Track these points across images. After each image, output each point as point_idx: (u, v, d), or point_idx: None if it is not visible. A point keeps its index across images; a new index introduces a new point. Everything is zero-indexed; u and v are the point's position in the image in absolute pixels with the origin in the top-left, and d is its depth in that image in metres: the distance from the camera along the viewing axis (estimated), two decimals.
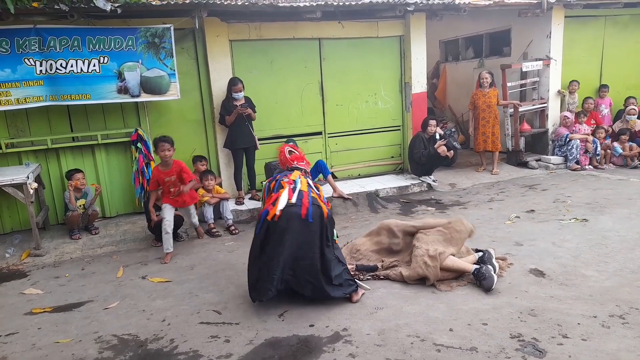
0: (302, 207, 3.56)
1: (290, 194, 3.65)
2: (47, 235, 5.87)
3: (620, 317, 3.22)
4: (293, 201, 3.59)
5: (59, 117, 6.07)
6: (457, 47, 10.79)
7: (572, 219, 5.35)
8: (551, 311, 3.35)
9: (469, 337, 3.08)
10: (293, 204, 3.57)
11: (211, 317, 3.61)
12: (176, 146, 6.62)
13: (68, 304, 4.01)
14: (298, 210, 3.55)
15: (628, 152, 8.07)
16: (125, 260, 5.00)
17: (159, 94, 6.15)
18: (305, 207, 3.55)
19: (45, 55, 5.54)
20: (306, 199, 3.61)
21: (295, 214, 3.53)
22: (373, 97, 7.73)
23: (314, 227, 3.55)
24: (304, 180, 3.84)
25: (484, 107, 7.77)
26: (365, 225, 5.64)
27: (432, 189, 7.23)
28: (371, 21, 7.31)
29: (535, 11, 7.78)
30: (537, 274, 4.00)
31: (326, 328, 3.32)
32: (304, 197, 3.63)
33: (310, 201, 3.61)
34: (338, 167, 7.68)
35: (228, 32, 6.58)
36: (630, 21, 8.92)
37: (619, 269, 3.98)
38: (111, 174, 6.38)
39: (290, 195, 3.63)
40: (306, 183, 3.82)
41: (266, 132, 7.10)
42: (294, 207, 3.56)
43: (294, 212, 3.54)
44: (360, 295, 3.72)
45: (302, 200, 3.61)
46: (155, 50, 5.99)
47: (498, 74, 8.08)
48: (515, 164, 8.29)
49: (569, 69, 8.48)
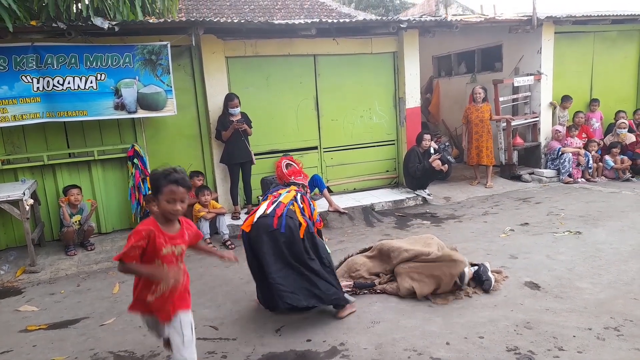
0: (274, 218, 3.53)
1: (269, 206, 3.63)
2: (43, 251, 5.84)
3: (615, 329, 3.24)
4: (267, 212, 3.58)
5: (55, 134, 6.09)
6: (449, 63, 10.96)
7: (566, 232, 5.40)
8: (547, 324, 3.37)
9: (466, 351, 3.10)
10: (266, 215, 3.56)
11: (208, 333, 3.60)
12: (172, 161, 6.69)
13: (64, 321, 3.99)
14: (269, 220, 3.52)
15: (620, 165, 8.18)
16: (121, 277, 4.96)
17: (156, 110, 6.20)
18: (276, 217, 3.52)
19: (42, 73, 5.59)
20: (280, 210, 3.57)
21: (264, 224, 3.51)
22: (368, 112, 7.82)
23: (286, 239, 3.47)
24: (289, 195, 3.79)
25: (477, 122, 7.87)
26: (362, 239, 5.66)
27: (427, 202, 7.28)
28: (365, 38, 7.43)
29: (526, 27, 7.94)
30: (532, 286, 4.03)
31: (323, 343, 3.33)
32: (278, 208, 3.60)
33: (284, 213, 3.55)
34: (334, 181, 7.73)
35: (224, 49, 6.66)
36: (618, 37, 9.11)
37: (612, 281, 4.02)
38: (107, 190, 6.38)
39: (267, 207, 3.62)
40: (291, 197, 3.76)
41: (262, 147, 7.14)
42: (266, 218, 3.55)
43: (264, 223, 3.52)
44: (347, 314, 3.64)
45: (275, 210, 3.58)
46: (152, 67, 6.06)
47: (490, 88, 8.20)
48: (509, 178, 8.37)
49: (560, 83, 8.63)
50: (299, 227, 3.55)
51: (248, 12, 11.92)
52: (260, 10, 12.18)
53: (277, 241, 3.48)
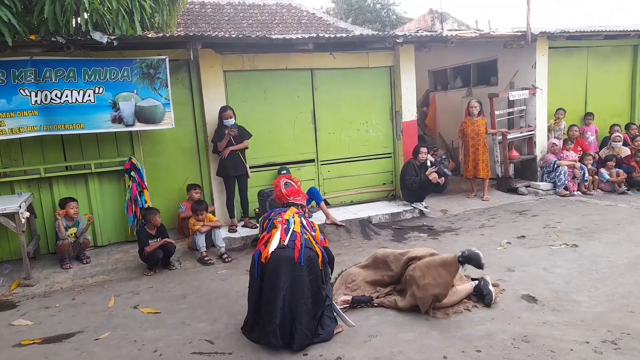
0: (294, 250, 3.48)
1: (283, 235, 3.58)
2: (38, 264, 5.81)
3: (613, 343, 3.24)
4: (285, 243, 3.52)
5: (52, 147, 6.10)
6: (445, 77, 11.06)
7: (563, 245, 5.41)
8: (544, 337, 3.37)
9: None
10: (284, 246, 3.51)
11: (204, 347, 3.58)
12: (170, 174, 6.73)
13: (58, 335, 3.96)
14: (290, 252, 3.47)
15: (615, 178, 8.22)
16: (117, 290, 4.95)
17: (154, 123, 6.22)
18: (297, 250, 3.48)
19: (40, 86, 5.62)
20: (299, 241, 3.53)
21: (286, 257, 3.46)
22: (364, 125, 7.86)
23: (305, 271, 3.46)
24: (297, 219, 3.75)
25: (473, 135, 7.92)
26: (359, 252, 5.65)
27: (424, 215, 7.29)
28: (362, 52, 7.51)
29: (520, 43, 8.04)
30: (529, 299, 4.02)
31: (320, 357, 3.30)
32: (296, 239, 3.55)
33: (303, 244, 3.52)
34: (331, 194, 7.74)
35: (222, 63, 6.72)
36: (611, 52, 9.23)
37: (609, 294, 4.02)
38: (104, 203, 6.37)
39: (282, 237, 3.57)
40: (300, 223, 3.72)
41: (260, 160, 7.16)
42: (285, 250, 3.49)
43: (285, 255, 3.46)
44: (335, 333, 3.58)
45: (294, 242, 3.53)
46: (150, 81, 6.10)
47: (486, 102, 8.27)
48: (505, 190, 8.40)
49: (555, 97, 8.72)
50: (317, 257, 3.56)
51: (246, 26, 12.05)
52: (258, 25, 12.31)
53: (297, 273, 3.44)
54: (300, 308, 3.42)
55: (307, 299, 3.44)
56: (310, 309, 3.45)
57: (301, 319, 3.40)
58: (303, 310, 3.42)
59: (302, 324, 3.40)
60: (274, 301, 3.42)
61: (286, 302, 3.43)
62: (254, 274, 3.56)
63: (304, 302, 3.43)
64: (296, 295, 3.43)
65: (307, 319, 3.43)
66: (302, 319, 3.40)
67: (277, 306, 3.40)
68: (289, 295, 3.43)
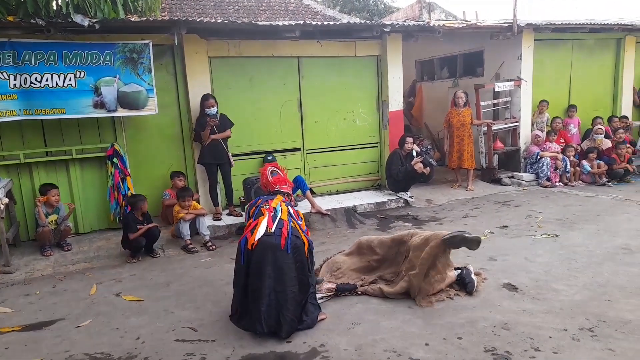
0: (281, 237, 3.48)
1: (270, 222, 3.57)
2: (18, 251, 5.70)
3: (590, 330, 3.31)
4: (272, 230, 3.52)
5: (32, 132, 5.97)
6: (432, 67, 11.08)
7: (544, 235, 5.50)
8: (524, 325, 3.43)
9: (444, 352, 3.12)
10: (271, 234, 3.50)
11: (187, 335, 3.56)
12: (153, 162, 6.64)
13: (38, 323, 3.90)
14: (277, 240, 3.47)
15: (596, 169, 8.36)
16: (99, 277, 4.89)
17: (137, 109, 6.12)
18: (284, 237, 3.48)
19: (19, 69, 5.47)
20: (285, 229, 3.53)
21: (272, 244, 3.46)
22: (351, 114, 7.85)
23: (292, 258, 3.46)
24: (284, 207, 3.75)
25: (459, 126, 7.97)
26: (344, 241, 5.67)
27: (409, 205, 7.33)
28: (349, 41, 7.47)
29: (507, 34, 8.08)
30: (510, 288, 4.09)
31: (303, 344, 3.32)
32: (283, 227, 3.54)
33: (289, 231, 3.53)
34: (316, 183, 7.73)
35: (207, 49, 6.62)
36: (595, 45, 9.33)
37: (588, 283, 4.10)
38: (85, 190, 6.27)
39: (269, 224, 3.56)
40: (287, 211, 3.72)
41: (245, 148, 7.11)
42: (272, 237, 3.49)
43: (272, 243, 3.46)
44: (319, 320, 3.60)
45: (281, 229, 3.53)
46: (133, 66, 5.98)
47: (472, 93, 8.31)
48: (489, 181, 8.49)
49: (539, 89, 8.80)
50: (304, 245, 3.56)
51: (232, 12, 11.87)
52: (245, 11, 12.14)
53: (283, 260, 3.44)
54: (286, 295, 3.42)
55: (294, 286, 3.45)
56: (297, 296, 3.46)
57: (288, 306, 3.41)
58: (289, 297, 3.43)
59: (289, 311, 3.41)
60: (260, 288, 3.42)
61: (272, 289, 3.43)
62: (240, 260, 3.56)
63: (290, 290, 3.44)
64: (282, 283, 3.43)
65: (294, 306, 3.44)
66: (289, 306, 3.41)
67: (263, 293, 3.41)
68: (274, 282, 3.43)
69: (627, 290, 3.93)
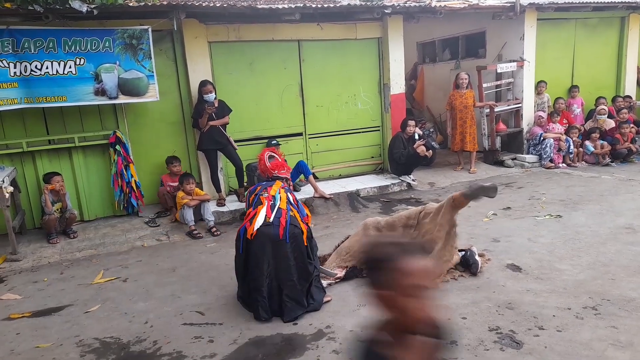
0: (279, 227, 3.48)
1: (269, 212, 3.57)
2: (24, 239, 5.75)
3: (593, 309, 3.34)
4: (270, 220, 3.52)
5: (34, 120, 5.96)
6: (434, 49, 10.96)
7: (547, 216, 5.51)
8: (527, 304, 3.46)
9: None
10: (270, 223, 3.50)
11: (194, 318, 3.61)
12: (155, 148, 6.63)
13: (47, 309, 3.95)
14: (275, 230, 3.47)
15: (599, 150, 8.33)
16: (105, 264, 4.94)
17: (137, 96, 6.09)
18: (282, 227, 3.48)
19: (19, 57, 5.44)
20: (284, 218, 3.53)
21: (271, 234, 3.46)
22: (352, 98, 7.80)
23: (290, 248, 3.47)
24: (283, 195, 3.74)
25: (461, 108, 7.92)
26: (347, 225, 5.70)
27: (411, 188, 7.34)
28: (349, 23, 7.39)
29: (509, 14, 7.98)
30: (513, 268, 4.11)
31: (309, 326, 3.36)
32: (282, 216, 3.54)
33: (288, 221, 3.52)
34: (319, 167, 7.73)
35: (207, 34, 6.56)
36: (599, 24, 9.21)
37: (591, 263, 4.13)
38: (89, 177, 6.29)
39: (268, 214, 3.56)
40: (285, 199, 3.71)
41: (246, 134, 7.10)
42: (270, 227, 3.48)
43: (270, 233, 3.47)
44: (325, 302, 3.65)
45: (279, 219, 3.52)
46: (132, 52, 5.94)
47: (474, 75, 8.24)
48: (492, 163, 8.48)
49: (542, 70, 8.71)
50: (302, 234, 3.56)
51: None
52: None
53: (282, 250, 3.45)
54: (286, 283, 3.46)
55: (293, 274, 3.48)
56: (297, 284, 3.48)
57: (288, 293, 3.46)
58: (289, 285, 3.47)
59: (289, 298, 3.46)
60: (260, 277, 3.46)
61: (272, 278, 3.47)
62: (239, 249, 3.58)
63: (289, 278, 3.47)
64: (281, 272, 3.47)
65: (295, 293, 3.47)
66: (289, 293, 3.46)
67: (263, 282, 3.45)
68: (274, 271, 3.47)
69: (631, 269, 3.95)
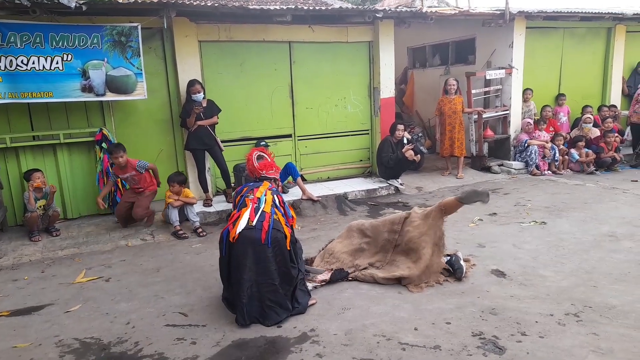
0: (261, 231, 3.43)
1: (252, 215, 3.52)
2: (5, 237, 5.65)
3: (575, 315, 3.37)
4: (253, 223, 3.47)
5: (18, 115, 5.86)
6: (424, 54, 11.04)
7: (532, 222, 5.56)
8: (511, 310, 3.48)
9: (433, 336, 3.16)
10: (252, 227, 3.45)
11: (177, 320, 3.57)
12: (142, 147, 6.57)
13: (27, 307, 3.88)
14: (257, 234, 3.42)
15: (584, 158, 8.44)
16: (88, 263, 4.87)
17: (125, 94, 6.03)
18: (264, 232, 3.43)
19: (4, 51, 5.35)
20: (267, 222, 3.48)
21: (252, 238, 3.41)
22: (342, 101, 7.81)
23: (272, 252, 3.43)
24: (269, 198, 3.69)
25: (450, 113, 7.98)
26: (334, 228, 5.69)
27: (399, 192, 7.36)
28: (341, 26, 7.40)
29: (499, 21, 8.07)
30: (498, 274, 4.14)
31: (294, 329, 3.34)
32: (265, 220, 3.49)
33: (271, 225, 3.47)
34: (307, 169, 7.72)
35: (197, 33, 6.52)
36: (586, 34, 9.36)
37: (574, 270, 4.17)
38: (74, 175, 6.20)
39: (251, 217, 3.51)
40: (270, 202, 3.65)
41: (235, 134, 7.06)
42: (253, 230, 3.43)
43: (252, 237, 3.41)
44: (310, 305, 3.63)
45: (262, 223, 3.47)
46: (121, 49, 5.88)
47: (463, 81, 8.31)
48: (479, 169, 8.54)
49: (530, 77, 8.82)
50: (285, 238, 3.52)
51: None
52: None
53: (263, 254, 3.41)
54: (267, 287, 3.43)
55: (275, 279, 3.44)
56: (279, 288, 3.45)
57: (270, 296, 3.42)
58: (271, 289, 3.43)
59: (271, 302, 3.42)
60: (240, 281, 3.42)
61: (253, 282, 3.43)
62: (222, 252, 3.55)
63: (270, 283, 3.43)
64: (262, 276, 3.42)
65: (277, 297, 3.44)
66: (270, 297, 3.42)
67: (243, 287, 3.40)
68: (255, 275, 3.42)
69: (613, 276, 4.00)
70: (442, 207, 4.02)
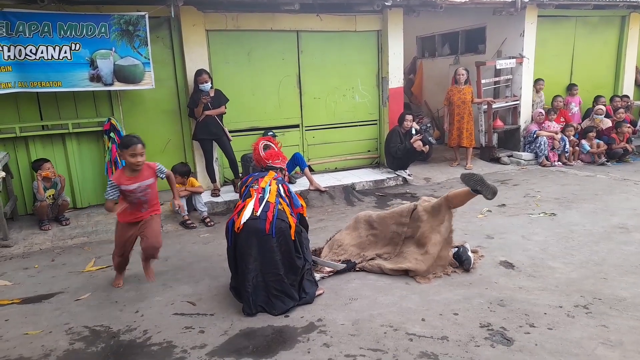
0: (266, 222, 3.43)
1: (257, 205, 3.51)
2: (16, 225, 5.71)
3: (584, 307, 3.35)
4: (257, 214, 3.46)
5: (28, 105, 5.89)
6: (433, 44, 10.91)
7: (541, 213, 5.51)
8: (519, 301, 3.46)
9: (440, 327, 3.16)
10: (257, 217, 3.45)
11: (185, 309, 3.59)
12: (150, 136, 6.55)
13: (37, 295, 3.93)
14: (261, 224, 3.41)
15: (595, 149, 8.34)
16: (97, 252, 4.91)
17: (133, 83, 6.03)
18: (268, 222, 3.42)
19: (13, 41, 5.36)
20: (271, 212, 3.47)
21: (257, 228, 3.41)
22: (350, 91, 7.76)
23: (276, 243, 3.42)
24: (273, 188, 3.67)
25: (459, 103, 7.90)
26: (342, 218, 5.68)
27: (407, 183, 7.33)
28: (349, 15, 7.33)
29: (510, 10, 7.94)
30: (506, 265, 4.11)
31: (301, 318, 3.35)
32: (269, 210, 3.48)
33: (275, 215, 3.46)
34: (315, 160, 7.70)
35: (204, 22, 6.49)
36: (599, 22, 9.19)
37: (584, 261, 4.13)
38: (82, 164, 6.23)
39: (256, 207, 3.50)
40: (275, 192, 3.64)
41: (243, 124, 7.05)
42: (257, 221, 3.43)
43: (256, 227, 3.41)
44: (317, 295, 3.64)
45: (267, 213, 3.46)
46: (129, 38, 5.87)
47: (473, 70, 8.22)
48: (488, 160, 8.47)
49: (541, 67, 8.69)
50: (290, 228, 3.51)
51: None
52: None
53: (268, 245, 3.41)
54: (272, 278, 3.44)
55: (280, 269, 3.44)
56: (284, 278, 3.45)
57: (275, 286, 3.44)
58: (275, 279, 3.44)
59: (279, 292, 3.44)
60: (245, 271, 3.44)
61: (258, 272, 3.44)
62: (229, 242, 3.56)
63: (275, 273, 3.44)
64: (267, 266, 3.43)
65: (283, 287, 3.45)
66: (276, 286, 3.44)
67: (248, 277, 3.42)
68: (260, 265, 3.44)
69: (623, 268, 3.96)
70: (449, 199, 3.99)
